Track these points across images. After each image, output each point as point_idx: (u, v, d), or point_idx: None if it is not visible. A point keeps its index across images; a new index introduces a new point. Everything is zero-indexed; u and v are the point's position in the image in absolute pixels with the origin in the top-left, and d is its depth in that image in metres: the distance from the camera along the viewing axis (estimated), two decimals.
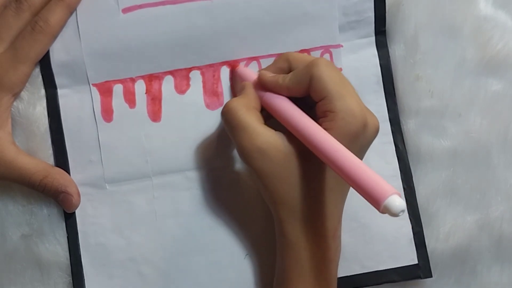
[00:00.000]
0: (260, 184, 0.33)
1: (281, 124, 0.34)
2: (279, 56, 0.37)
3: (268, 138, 0.32)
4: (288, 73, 0.35)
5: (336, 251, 0.34)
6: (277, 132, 0.33)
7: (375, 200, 0.26)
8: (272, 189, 0.32)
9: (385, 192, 0.26)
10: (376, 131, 0.33)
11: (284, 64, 0.36)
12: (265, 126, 0.33)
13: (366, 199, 0.27)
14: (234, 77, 0.39)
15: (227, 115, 0.34)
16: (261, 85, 0.35)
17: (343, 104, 0.31)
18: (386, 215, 0.26)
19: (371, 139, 0.33)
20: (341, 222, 0.34)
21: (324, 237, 0.33)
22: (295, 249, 0.33)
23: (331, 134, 0.30)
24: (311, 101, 0.33)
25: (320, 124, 0.31)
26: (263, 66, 0.39)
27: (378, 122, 0.33)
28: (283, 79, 0.34)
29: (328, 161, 0.29)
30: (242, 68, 0.39)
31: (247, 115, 0.33)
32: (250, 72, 0.38)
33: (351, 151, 0.29)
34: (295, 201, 0.32)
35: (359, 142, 0.32)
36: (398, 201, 0.25)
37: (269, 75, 0.35)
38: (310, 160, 0.32)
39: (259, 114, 0.34)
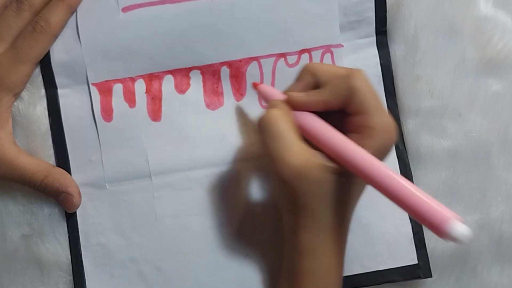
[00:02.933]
0: (285, 196, 0.33)
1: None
2: (301, 70, 0.35)
3: (308, 156, 0.31)
4: (315, 86, 0.34)
5: (344, 256, 0.34)
6: (315, 151, 0.32)
7: (436, 228, 0.25)
8: (300, 203, 0.32)
9: (446, 219, 0.25)
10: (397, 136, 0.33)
11: (310, 78, 0.34)
12: (304, 144, 0.32)
13: (425, 225, 0.26)
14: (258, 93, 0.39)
15: (268, 125, 0.33)
16: (294, 106, 0.34)
17: (382, 121, 0.31)
18: (385, 216, 0.26)
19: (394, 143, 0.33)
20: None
21: (341, 243, 0.33)
22: (313, 256, 0.33)
23: (368, 150, 0.30)
24: (336, 113, 0.33)
25: (354, 139, 0.31)
26: (264, 66, 0.39)
27: (397, 128, 0.33)
28: (320, 94, 0.33)
29: (381, 188, 0.29)
30: (264, 87, 0.38)
31: (289, 129, 0.32)
32: (275, 91, 0.37)
33: None
34: (320, 212, 0.32)
35: (388, 153, 0.32)
36: (462, 228, 0.25)
37: (301, 94, 0.34)
38: (343, 178, 0.32)
39: (298, 130, 0.33)
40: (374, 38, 0.40)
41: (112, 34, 0.38)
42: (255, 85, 0.39)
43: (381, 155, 0.31)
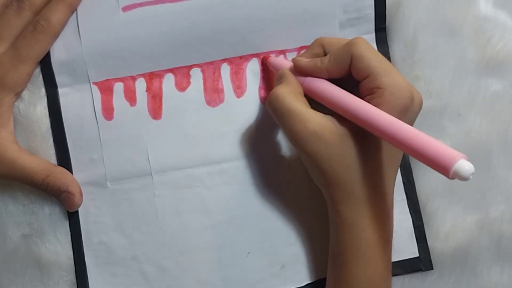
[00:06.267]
0: (313, 168, 0.35)
1: (324, 108, 0.35)
2: (313, 42, 0.38)
3: (320, 121, 0.33)
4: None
5: (391, 231, 0.36)
6: (327, 116, 0.34)
7: (443, 167, 0.27)
8: (328, 172, 0.34)
9: (452, 158, 0.26)
10: (420, 105, 0.35)
11: (319, 49, 0.37)
12: (314, 111, 0.34)
13: (432, 167, 0.28)
14: (266, 68, 0.41)
15: (275, 103, 0.35)
16: (299, 71, 0.37)
17: (390, 79, 0.33)
18: None
19: (417, 112, 0.35)
20: (393, 201, 0.36)
21: (381, 218, 0.35)
22: (352, 230, 0.34)
23: (381, 109, 0.32)
24: (348, 83, 0.35)
25: (366, 101, 0.33)
26: (264, 63, 0.41)
27: (421, 96, 0.35)
28: (322, 61, 0.35)
29: (387, 136, 0.30)
30: (274, 58, 0.40)
31: (295, 101, 0.34)
32: (284, 61, 0.39)
33: None
34: (351, 182, 0.34)
35: (408, 116, 0.34)
36: (467, 165, 0.26)
37: (306, 60, 0.36)
38: (363, 140, 0.33)
39: (305, 100, 0.36)
40: (374, 35, 0.42)
41: (113, 33, 0.39)
42: (265, 59, 0.41)
43: (395, 113, 0.32)
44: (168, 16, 0.40)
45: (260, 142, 0.41)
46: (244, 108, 0.41)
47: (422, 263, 0.42)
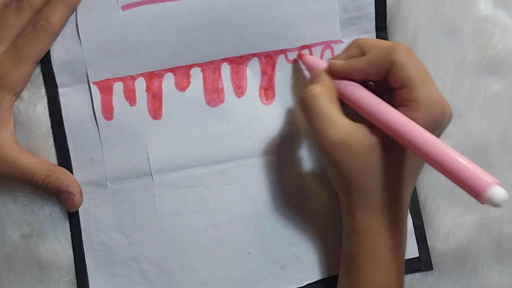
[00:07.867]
0: (336, 175, 0.35)
1: (355, 112, 0.35)
2: (350, 43, 0.38)
3: (351, 129, 0.33)
4: None
5: (406, 237, 0.36)
6: (358, 124, 0.34)
7: (476, 192, 0.27)
8: (351, 180, 0.34)
9: (486, 184, 0.26)
10: (450, 119, 0.35)
11: (357, 51, 0.37)
12: (346, 118, 0.34)
13: (465, 190, 0.28)
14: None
15: (309, 101, 0.34)
16: (334, 74, 0.36)
17: (427, 94, 0.32)
18: None
19: (446, 126, 0.35)
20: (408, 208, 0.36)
21: (398, 225, 0.35)
22: (369, 236, 0.34)
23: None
24: (383, 86, 0.35)
25: (400, 112, 0.32)
26: (264, 62, 0.41)
27: (452, 110, 0.35)
28: (358, 62, 0.35)
29: (421, 153, 0.30)
30: (309, 57, 0.40)
31: (330, 104, 0.34)
32: (319, 61, 0.39)
33: None
34: (373, 190, 0.34)
35: (438, 131, 0.34)
36: (501, 192, 0.26)
37: (341, 62, 0.36)
38: (390, 150, 0.33)
39: (339, 105, 0.35)
40: (374, 34, 0.42)
41: (112, 33, 0.40)
42: (300, 56, 0.41)
43: (427, 128, 0.31)
44: (167, 15, 0.40)
45: (260, 142, 0.42)
46: (244, 108, 0.42)
47: (422, 263, 0.42)
